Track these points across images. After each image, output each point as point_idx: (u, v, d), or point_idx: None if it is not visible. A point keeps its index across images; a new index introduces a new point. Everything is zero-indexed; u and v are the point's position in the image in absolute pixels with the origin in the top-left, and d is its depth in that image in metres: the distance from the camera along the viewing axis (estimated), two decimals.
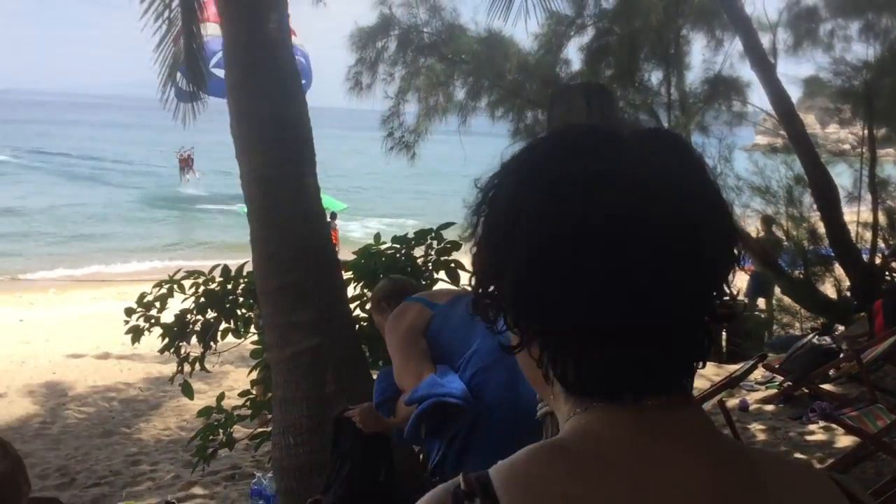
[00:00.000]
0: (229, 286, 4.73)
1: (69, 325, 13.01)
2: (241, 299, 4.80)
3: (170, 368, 9.54)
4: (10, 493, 2.40)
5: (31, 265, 21.57)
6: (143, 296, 4.82)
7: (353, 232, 23.85)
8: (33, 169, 47.46)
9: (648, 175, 0.71)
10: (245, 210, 15.16)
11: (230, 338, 4.95)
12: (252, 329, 4.97)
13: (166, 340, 4.73)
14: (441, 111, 9.48)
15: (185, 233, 28.70)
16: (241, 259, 4.88)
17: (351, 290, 4.45)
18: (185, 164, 28.53)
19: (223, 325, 4.73)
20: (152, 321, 4.86)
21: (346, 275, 4.39)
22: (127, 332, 4.85)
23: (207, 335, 4.63)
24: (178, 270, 4.87)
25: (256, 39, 4.08)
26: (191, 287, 4.78)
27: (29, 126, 77.62)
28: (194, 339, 4.72)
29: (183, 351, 4.80)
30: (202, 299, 4.69)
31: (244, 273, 4.77)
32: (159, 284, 4.81)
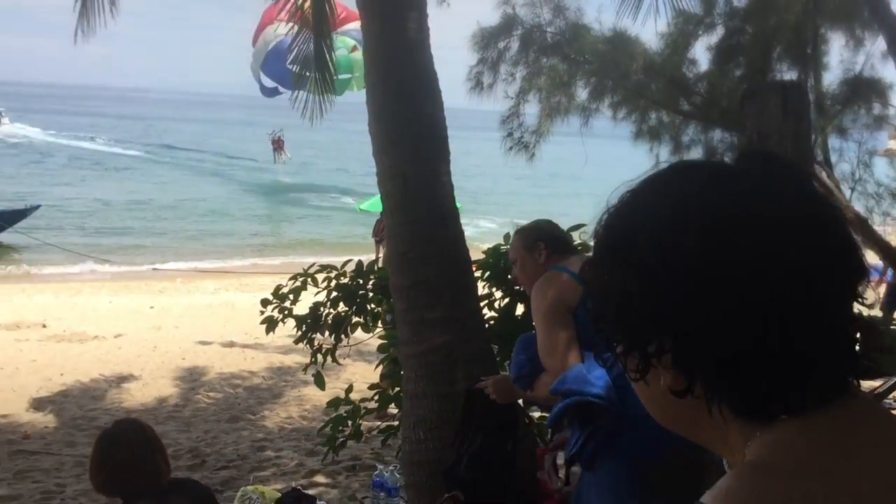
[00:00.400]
0: (360, 281, 4.83)
1: (195, 314, 13.61)
2: (370, 294, 4.90)
3: (290, 359, 9.94)
4: (149, 473, 2.53)
5: (160, 255, 22.71)
6: (278, 288, 4.99)
7: (465, 231, 23.97)
8: (162, 164, 49.94)
9: (785, 210, 0.76)
10: (359, 207, 15.54)
11: (359, 331, 5.07)
12: (379, 324, 5.08)
13: (300, 332, 4.87)
14: (563, 112, 9.39)
15: (301, 228, 29.57)
16: (343, 257, 5.02)
17: (480, 289, 4.47)
18: (277, 145, 29.97)
19: (353, 319, 4.83)
20: (286, 313, 5.02)
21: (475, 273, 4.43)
22: (262, 323, 5.02)
23: (339, 328, 4.74)
24: (313, 265, 5.02)
25: (396, 39, 4.15)
26: (323, 281, 4.91)
27: (160, 123, 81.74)
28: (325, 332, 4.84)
29: (315, 343, 4.93)
30: (334, 293, 4.81)
31: (375, 268, 4.87)
32: (294, 277, 4.96)
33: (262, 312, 5.03)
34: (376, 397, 4.76)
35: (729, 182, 0.78)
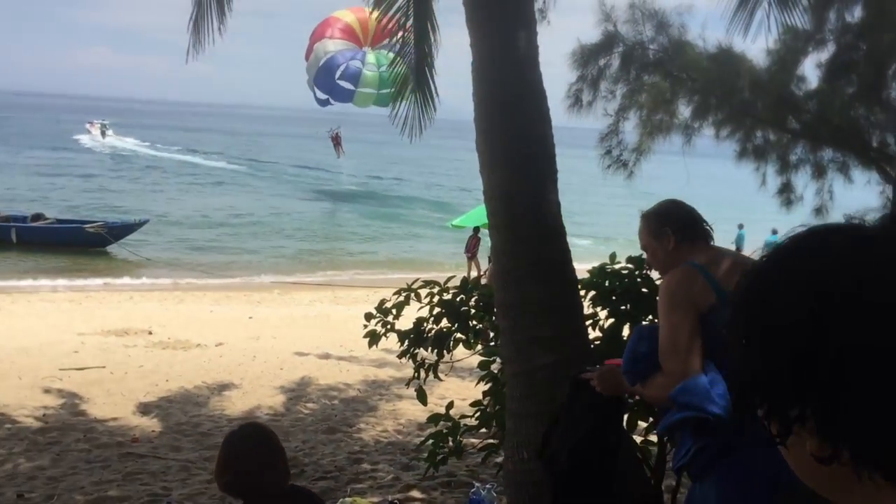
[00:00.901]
0: (463, 297, 4.84)
1: (292, 325, 13.93)
2: (472, 311, 4.90)
3: (385, 373, 10.05)
4: (273, 476, 2.58)
5: (257, 267, 23.38)
6: (382, 302, 5.04)
7: None
8: (261, 178, 51.58)
9: None
10: (451, 224, 15.66)
11: (460, 348, 5.08)
12: (480, 341, 5.07)
13: (403, 346, 4.91)
14: (665, 129, 9.25)
15: (393, 243, 29.94)
16: (433, 272, 5.02)
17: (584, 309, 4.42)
18: (336, 141, 30.92)
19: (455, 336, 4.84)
20: (388, 327, 5.07)
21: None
22: (365, 336, 5.08)
23: (442, 344, 4.76)
24: (416, 280, 5.05)
25: (505, 56, 4.16)
26: (426, 296, 4.94)
27: (260, 138, 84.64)
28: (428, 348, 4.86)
29: (418, 357, 4.96)
30: (437, 309, 4.83)
31: (479, 285, 4.88)
32: (398, 292, 5.01)
33: (366, 326, 5.09)
34: (477, 415, 4.75)
35: (874, 250, 0.76)
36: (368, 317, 5.07)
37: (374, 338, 5.07)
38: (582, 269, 4.44)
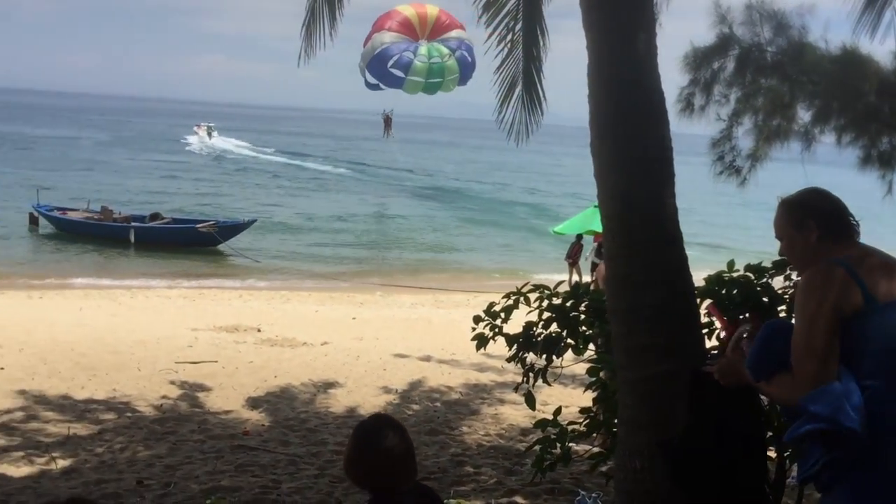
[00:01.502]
0: (573, 302, 4.79)
1: (393, 326, 14.11)
2: (582, 316, 4.84)
3: (486, 377, 10.05)
4: (405, 471, 2.59)
5: (360, 269, 23.83)
6: (490, 305, 5.03)
7: None
8: (364, 181, 52.61)
9: None
10: (553, 230, 15.49)
11: (568, 353, 5.02)
12: (591, 347, 5.00)
13: (512, 350, 4.89)
14: (782, 135, 8.88)
15: (492, 248, 29.95)
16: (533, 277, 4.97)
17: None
18: (387, 122, 31.48)
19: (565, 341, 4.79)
20: (496, 330, 5.05)
21: None
22: (473, 339, 5.08)
23: (551, 349, 4.72)
24: (526, 283, 5.03)
25: (623, 59, 4.09)
26: (535, 300, 4.91)
27: (364, 143, 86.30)
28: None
29: (527, 361, 4.93)
30: (546, 313, 4.79)
31: (589, 290, 4.81)
32: (507, 296, 4.99)
33: (473, 329, 5.09)
34: (586, 421, 4.68)
35: None
36: (476, 320, 5.07)
37: (481, 341, 5.07)
38: (694, 277, 4.32)
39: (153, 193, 38.07)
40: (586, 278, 18.12)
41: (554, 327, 4.81)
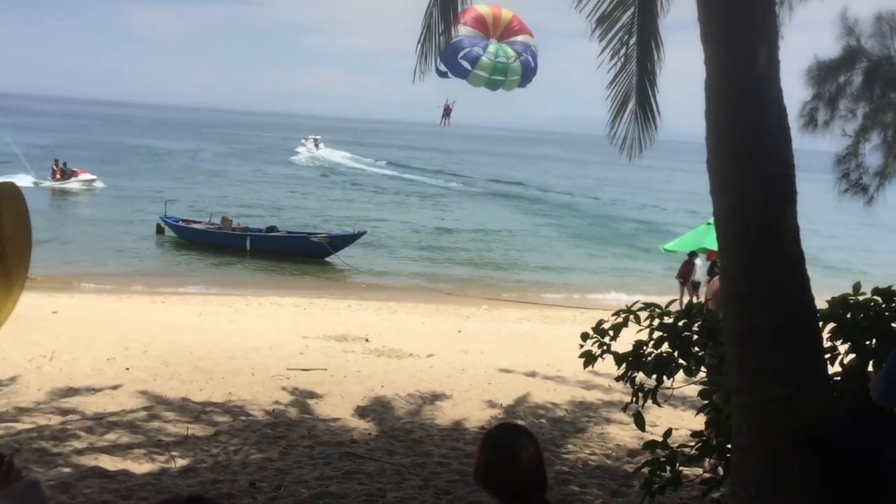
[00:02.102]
0: (685, 321, 4.68)
1: (499, 340, 14.08)
2: (695, 337, 4.72)
3: (592, 395, 9.91)
4: (538, 481, 2.58)
5: (463, 282, 23.95)
6: (600, 323, 4.98)
7: None
8: (472, 195, 52.96)
9: None
10: (663, 248, 15.07)
11: (679, 374, 4.90)
12: (702, 368, 4.87)
13: (621, 369, 4.81)
14: None
15: (602, 264, 29.54)
16: (642, 296, 4.83)
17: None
18: (446, 112, 31.50)
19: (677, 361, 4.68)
20: (605, 348, 4.99)
21: None
22: (580, 356, 5.03)
23: (662, 369, 4.62)
24: (636, 302, 4.94)
25: (743, 73, 3.97)
26: (646, 319, 4.82)
27: (474, 157, 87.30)
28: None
29: (637, 381, 4.85)
30: (657, 332, 4.69)
31: (703, 310, 4.69)
32: (616, 313, 4.92)
33: (581, 346, 5.04)
34: (697, 445, 4.56)
35: None
36: (585, 337, 5.02)
37: (589, 358, 5.01)
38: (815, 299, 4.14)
39: (265, 205, 39.46)
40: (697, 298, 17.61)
41: (665, 347, 4.71)
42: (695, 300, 17.93)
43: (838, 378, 3.97)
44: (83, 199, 38.18)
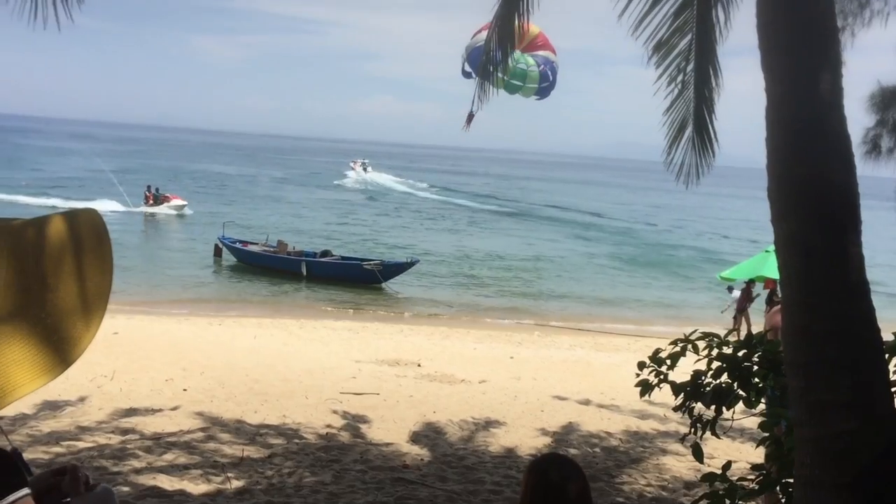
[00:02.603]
0: (746, 352, 4.59)
1: (551, 367, 13.98)
2: (755, 367, 4.62)
3: (647, 424, 9.76)
4: None
5: (516, 308, 23.85)
6: (657, 351, 4.91)
7: None
8: (524, 220, 52.83)
9: None
10: (721, 276, 14.84)
11: (738, 405, 4.80)
12: (762, 400, 4.77)
13: (678, 399, 4.73)
14: None
15: (658, 292, 29.15)
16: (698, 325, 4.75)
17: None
18: (469, 118, 31.25)
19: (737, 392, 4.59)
20: (661, 377, 4.91)
21: None
22: (637, 385, 4.96)
23: (721, 400, 4.53)
24: (694, 331, 4.87)
25: (805, 101, 3.92)
26: (704, 348, 4.74)
27: (528, 182, 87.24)
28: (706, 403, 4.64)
29: (695, 412, 4.76)
30: (716, 362, 4.61)
31: (764, 340, 4.60)
32: (674, 342, 4.85)
33: (637, 375, 4.97)
34: (758, 479, 4.44)
35: None
36: (641, 365, 4.95)
37: (646, 387, 4.93)
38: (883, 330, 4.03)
39: (318, 230, 39.96)
40: (757, 327, 17.25)
41: (724, 377, 4.62)
42: (744, 328, 17.60)
43: None
44: (174, 226, 39.18)
